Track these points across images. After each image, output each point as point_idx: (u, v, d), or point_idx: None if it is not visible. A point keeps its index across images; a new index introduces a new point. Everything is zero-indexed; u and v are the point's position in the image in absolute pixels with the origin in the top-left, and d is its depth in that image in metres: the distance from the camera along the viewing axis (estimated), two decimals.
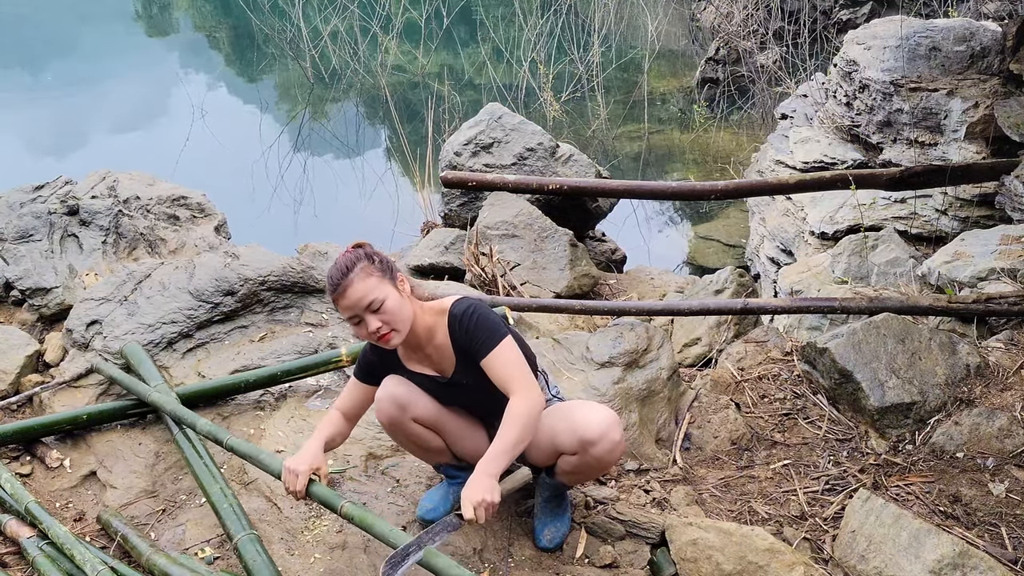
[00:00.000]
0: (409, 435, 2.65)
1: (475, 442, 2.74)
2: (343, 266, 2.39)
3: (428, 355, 2.58)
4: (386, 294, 2.38)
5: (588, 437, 2.46)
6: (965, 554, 2.47)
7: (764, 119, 8.83)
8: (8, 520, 2.86)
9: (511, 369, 2.41)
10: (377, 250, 2.47)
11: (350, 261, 2.39)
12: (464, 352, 2.49)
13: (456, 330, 2.48)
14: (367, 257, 2.40)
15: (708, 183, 4.88)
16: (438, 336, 2.53)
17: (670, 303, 4.35)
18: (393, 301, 2.39)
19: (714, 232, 6.98)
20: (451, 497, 2.83)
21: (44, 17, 15.05)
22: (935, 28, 5.68)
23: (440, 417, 2.65)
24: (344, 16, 10.70)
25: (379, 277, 2.39)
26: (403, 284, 2.45)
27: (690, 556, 2.65)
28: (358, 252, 2.43)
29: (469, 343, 2.45)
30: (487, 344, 2.42)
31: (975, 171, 4.66)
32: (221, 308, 3.80)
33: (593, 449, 2.47)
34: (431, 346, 2.55)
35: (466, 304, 2.49)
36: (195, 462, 3.04)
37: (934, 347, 3.34)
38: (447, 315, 2.50)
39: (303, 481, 2.49)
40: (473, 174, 5.31)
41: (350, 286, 2.35)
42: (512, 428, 2.34)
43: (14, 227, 4.43)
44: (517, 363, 2.43)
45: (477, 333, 2.43)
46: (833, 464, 3.15)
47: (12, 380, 3.63)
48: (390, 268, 2.44)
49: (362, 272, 2.37)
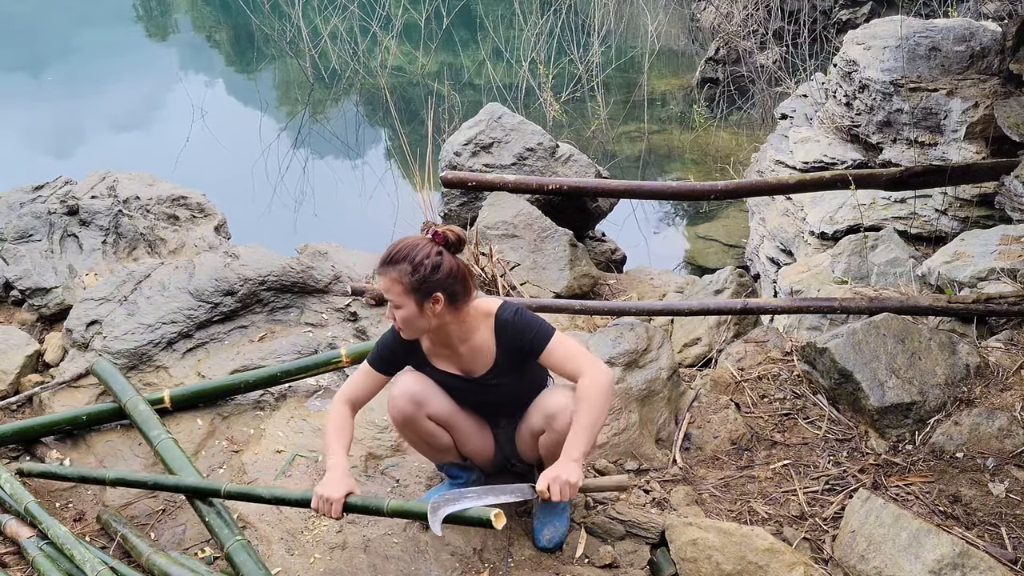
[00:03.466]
0: (421, 432, 2.66)
1: (482, 442, 2.78)
2: (394, 254, 2.41)
3: (460, 354, 2.59)
4: (404, 304, 2.41)
5: (549, 411, 2.54)
6: (965, 554, 2.47)
7: (764, 119, 8.83)
8: (8, 520, 2.86)
9: (572, 354, 2.48)
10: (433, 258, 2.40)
11: (401, 256, 2.40)
12: (513, 351, 2.53)
13: (505, 332, 2.52)
14: (415, 265, 2.38)
15: (708, 183, 4.87)
16: (476, 337, 2.55)
17: (670, 303, 4.35)
18: (407, 313, 2.42)
19: (714, 232, 6.98)
20: None
21: (44, 17, 15.05)
22: (935, 28, 5.68)
23: (453, 415, 2.68)
24: (344, 16, 10.70)
25: (405, 289, 2.39)
26: (435, 304, 2.42)
27: (690, 556, 2.65)
28: (417, 252, 2.40)
29: (522, 342, 2.50)
30: (541, 339, 2.49)
31: (975, 171, 4.65)
32: (221, 308, 3.80)
33: (555, 423, 2.53)
34: (465, 346, 2.57)
35: (513, 307, 2.55)
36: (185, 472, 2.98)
37: (934, 347, 3.34)
38: (493, 318, 2.53)
39: (339, 509, 2.48)
40: (473, 174, 5.30)
41: (384, 275, 2.42)
42: (590, 408, 2.40)
43: (14, 227, 4.43)
44: (576, 347, 2.50)
45: (529, 332, 2.50)
46: (833, 464, 3.14)
47: (12, 380, 3.63)
48: (426, 287, 2.39)
49: (397, 274, 2.39)
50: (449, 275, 2.42)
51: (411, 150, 6.99)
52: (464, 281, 2.47)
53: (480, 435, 2.77)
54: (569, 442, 2.41)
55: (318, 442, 3.22)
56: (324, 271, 4.08)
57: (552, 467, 2.40)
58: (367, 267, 4.35)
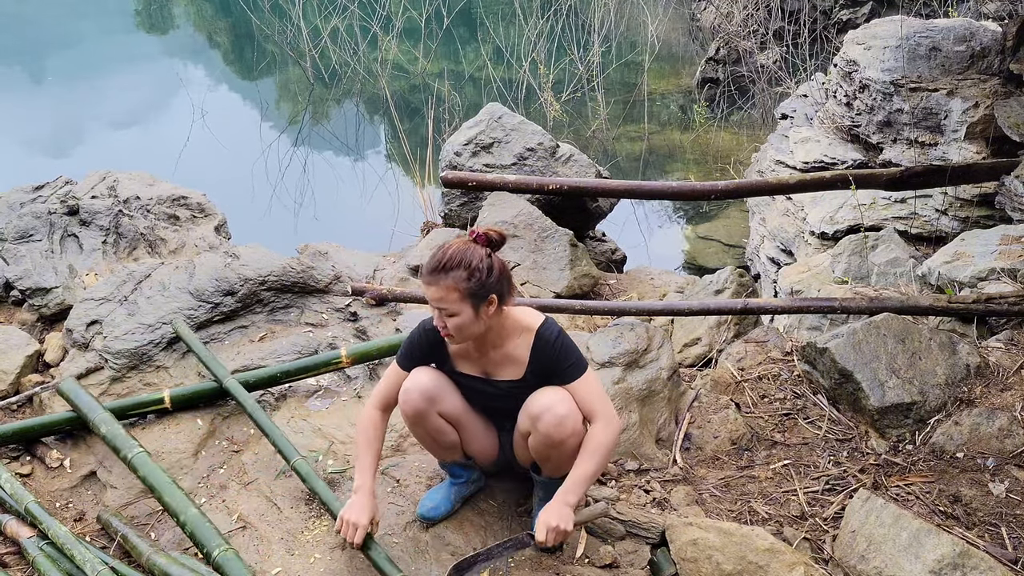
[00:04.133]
0: (430, 428, 2.66)
1: (488, 443, 2.80)
2: (445, 261, 2.37)
3: (488, 358, 2.59)
4: (460, 311, 2.39)
5: (532, 412, 2.53)
6: (965, 554, 2.47)
7: (764, 119, 8.83)
8: (8, 520, 2.86)
9: (596, 398, 2.52)
10: (486, 260, 2.39)
11: (454, 262, 2.36)
12: (544, 371, 2.55)
13: (543, 350, 2.53)
14: (469, 270, 2.36)
15: (708, 183, 4.88)
16: (510, 345, 2.55)
17: (670, 303, 4.35)
18: (463, 319, 2.40)
19: (714, 232, 6.98)
20: (452, 497, 2.83)
21: (44, 17, 15.05)
22: (935, 28, 5.68)
23: (463, 415, 2.69)
24: (344, 16, 10.70)
25: (462, 295, 2.36)
26: (490, 306, 2.42)
27: (690, 556, 2.65)
28: (469, 257, 2.37)
29: (555, 368, 2.52)
30: (576, 370, 2.52)
31: (975, 171, 4.65)
32: (221, 308, 3.80)
33: (539, 423, 2.52)
34: (497, 352, 2.57)
35: (556, 329, 2.55)
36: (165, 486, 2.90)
37: (934, 347, 3.34)
38: (533, 334, 2.53)
39: (362, 535, 2.53)
40: (473, 174, 5.30)
41: (435, 284, 2.38)
42: (592, 458, 2.47)
43: (14, 227, 4.43)
44: (602, 393, 2.55)
45: (566, 359, 2.52)
46: (833, 464, 3.14)
47: (12, 380, 3.63)
48: (483, 291, 2.38)
49: (452, 281, 2.36)
50: (501, 275, 2.42)
51: (411, 150, 7.00)
52: (510, 280, 2.48)
53: (486, 436, 2.78)
54: (567, 486, 2.47)
55: (318, 442, 3.22)
56: (324, 271, 4.08)
57: (550, 513, 2.44)
58: (367, 267, 4.35)
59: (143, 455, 2.98)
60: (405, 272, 4.59)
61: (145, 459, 2.96)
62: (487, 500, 2.93)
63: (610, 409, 2.53)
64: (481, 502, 2.92)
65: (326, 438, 3.24)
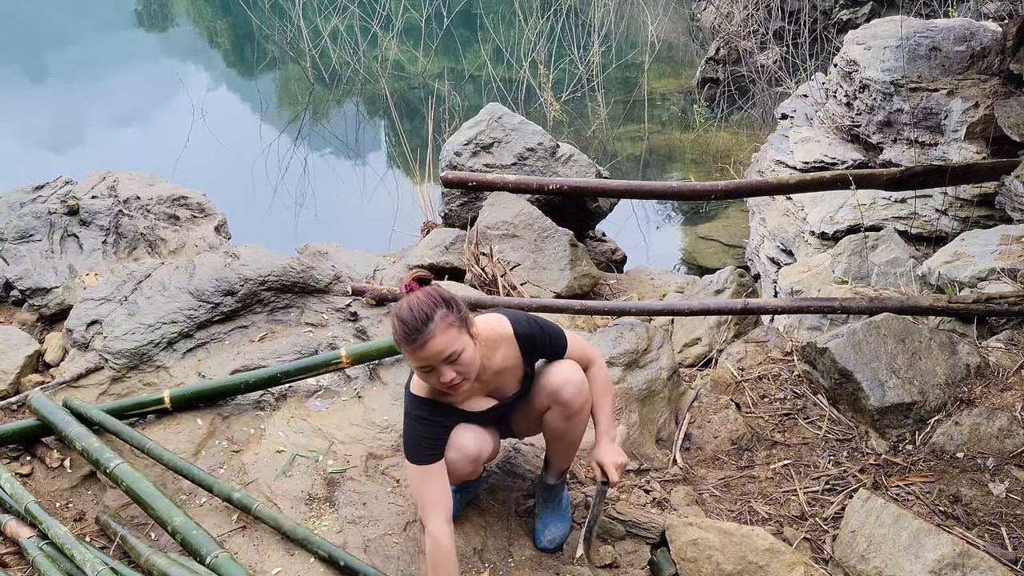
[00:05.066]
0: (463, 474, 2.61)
1: (496, 446, 2.78)
2: (422, 314, 2.22)
3: (487, 383, 2.55)
4: (464, 345, 2.27)
5: (554, 385, 2.57)
6: (965, 554, 2.47)
7: (764, 119, 8.83)
8: (8, 520, 2.86)
9: (581, 347, 2.66)
10: (449, 292, 2.34)
11: (429, 308, 2.24)
12: (536, 361, 2.62)
13: (532, 346, 2.56)
14: (445, 304, 2.26)
15: (708, 183, 4.88)
16: (497, 359, 2.50)
17: (670, 303, 4.35)
18: (469, 352, 2.29)
19: (714, 232, 6.98)
20: (458, 503, 2.82)
21: (44, 17, 15.05)
22: (935, 28, 5.68)
23: (494, 449, 2.71)
24: (344, 16, 10.70)
25: (458, 328, 2.27)
26: (472, 327, 2.35)
27: (690, 556, 2.65)
28: (434, 296, 2.27)
29: (548, 351, 2.60)
30: (561, 342, 2.61)
31: (975, 171, 4.65)
32: (221, 308, 3.80)
33: (562, 394, 2.56)
34: (489, 372, 2.51)
35: (523, 320, 2.56)
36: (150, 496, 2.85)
37: (934, 347, 3.34)
38: (512, 336, 2.51)
39: None
40: (473, 174, 5.30)
41: (431, 339, 2.22)
42: (606, 394, 2.68)
43: (14, 227, 4.43)
44: (582, 342, 2.68)
45: (551, 339, 2.59)
46: (833, 464, 3.14)
47: (12, 380, 3.63)
48: (464, 315, 2.32)
49: (443, 323, 2.24)
50: (459, 302, 2.36)
51: (411, 150, 7.00)
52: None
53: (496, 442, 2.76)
54: (606, 425, 2.66)
55: (319, 442, 3.22)
56: (324, 271, 4.08)
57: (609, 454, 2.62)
58: (367, 267, 4.35)
59: (124, 466, 2.92)
60: (405, 272, 4.59)
61: (126, 470, 2.90)
62: (487, 500, 2.93)
63: (594, 349, 2.69)
64: (481, 502, 2.92)
65: (326, 438, 3.24)
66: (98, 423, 3.19)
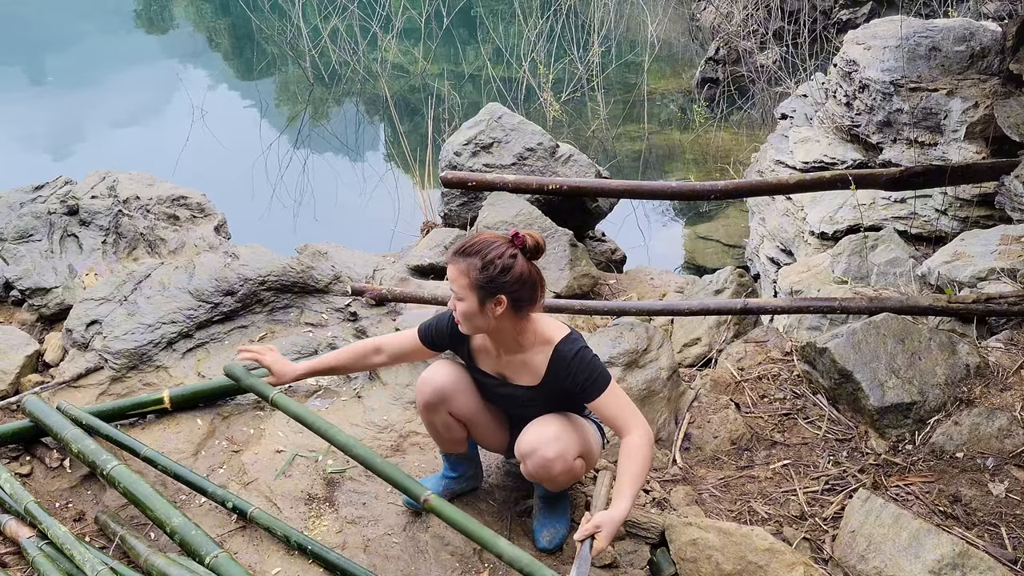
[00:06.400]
0: (438, 422, 2.69)
1: (498, 439, 2.81)
2: (470, 247, 2.40)
3: (507, 362, 2.58)
4: (466, 298, 2.40)
5: (522, 450, 2.55)
6: (965, 554, 2.47)
7: (764, 119, 8.83)
8: (8, 520, 2.85)
9: (620, 408, 2.46)
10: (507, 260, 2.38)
11: (474, 250, 2.39)
12: (560, 386, 2.52)
13: (560, 366, 2.50)
14: (484, 263, 2.37)
15: (708, 183, 4.87)
16: (529, 355, 2.54)
17: (670, 303, 4.35)
18: (467, 308, 2.41)
19: (714, 232, 6.98)
20: (442, 490, 2.84)
21: (44, 17, 15.05)
22: (935, 28, 5.68)
23: (476, 414, 2.70)
24: (344, 16, 10.70)
25: (471, 283, 2.38)
26: (497, 306, 2.40)
27: (690, 556, 2.65)
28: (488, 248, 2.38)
29: (573, 385, 2.48)
30: (596, 389, 2.46)
31: (975, 171, 4.65)
32: (221, 308, 3.80)
33: (528, 462, 2.55)
34: (515, 357, 2.55)
35: (577, 345, 2.51)
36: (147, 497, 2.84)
37: (934, 347, 3.34)
38: (552, 348, 2.50)
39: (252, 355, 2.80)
40: (473, 174, 5.30)
41: (453, 264, 2.41)
42: (638, 469, 2.39)
43: (14, 227, 4.43)
44: (626, 402, 2.49)
45: (584, 377, 2.47)
46: (833, 464, 3.15)
47: (12, 380, 3.63)
48: (491, 287, 2.38)
49: (466, 266, 2.39)
50: (518, 280, 2.39)
51: (411, 150, 6.99)
52: (533, 289, 2.44)
53: (497, 432, 2.79)
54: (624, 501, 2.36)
55: (318, 442, 3.21)
56: (324, 271, 4.08)
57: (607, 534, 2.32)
58: (367, 267, 4.35)
59: (120, 468, 2.91)
60: (405, 272, 4.59)
61: (123, 471, 2.90)
62: (487, 500, 2.93)
63: (639, 418, 2.46)
64: (481, 502, 2.92)
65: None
66: (88, 427, 3.16)
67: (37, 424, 3.20)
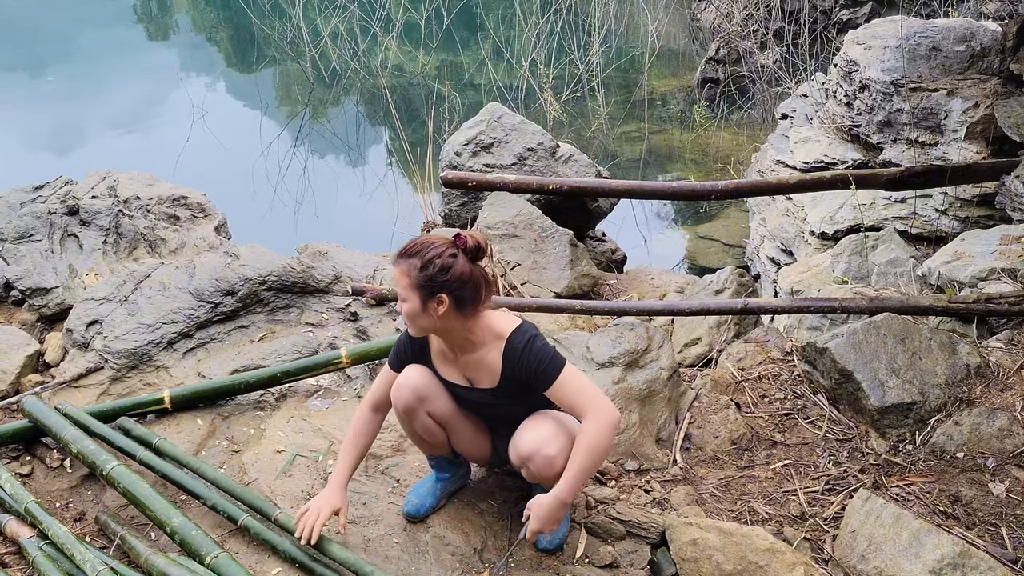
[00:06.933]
0: (419, 426, 2.68)
1: (478, 447, 2.80)
2: (410, 248, 2.44)
3: (465, 363, 2.59)
4: (408, 298, 2.43)
5: (522, 453, 2.55)
6: (965, 554, 2.47)
7: (764, 119, 8.83)
8: (8, 520, 2.85)
9: (577, 394, 2.45)
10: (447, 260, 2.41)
11: (415, 251, 2.43)
12: (518, 379, 2.52)
13: (513, 357, 2.50)
14: (423, 263, 2.40)
15: (708, 183, 4.87)
16: (482, 352, 2.54)
17: (670, 303, 4.35)
18: (410, 308, 2.44)
19: (714, 232, 6.98)
20: (437, 493, 2.85)
21: (45, 17, 15.05)
22: (935, 28, 5.68)
23: (453, 418, 2.69)
24: (344, 16, 10.70)
25: (412, 283, 2.41)
26: (438, 305, 2.42)
27: (690, 556, 2.65)
28: (430, 250, 2.42)
29: (527, 374, 2.48)
30: (550, 375, 2.45)
31: (975, 171, 4.65)
32: (221, 308, 3.80)
33: (531, 465, 2.54)
34: (470, 358, 2.57)
35: (528, 334, 2.51)
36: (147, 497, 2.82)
37: (934, 347, 3.34)
38: (504, 342, 2.51)
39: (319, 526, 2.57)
40: (473, 174, 5.30)
41: (396, 267, 2.45)
42: (586, 455, 2.40)
43: (14, 227, 4.43)
44: (584, 385, 2.47)
45: (537, 365, 2.46)
46: (833, 464, 3.14)
47: (12, 380, 3.63)
48: (432, 287, 2.40)
49: (408, 268, 2.42)
50: (458, 279, 2.41)
51: (411, 150, 6.99)
52: (476, 289, 2.45)
53: (476, 439, 2.78)
54: (565, 484, 2.42)
55: (319, 442, 3.22)
56: (324, 271, 4.08)
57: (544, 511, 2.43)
58: (367, 267, 4.35)
59: (120, 468, 2.90)
60: None
61: (123, 472, 2.89)
62: (487, 500, 2.93)
63: (599, 400, 2.43)
64: (481, 502, 2.92)
65: (326, 438, 3.24)
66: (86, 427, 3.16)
67: (36, 424, 3.19)
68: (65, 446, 3.08)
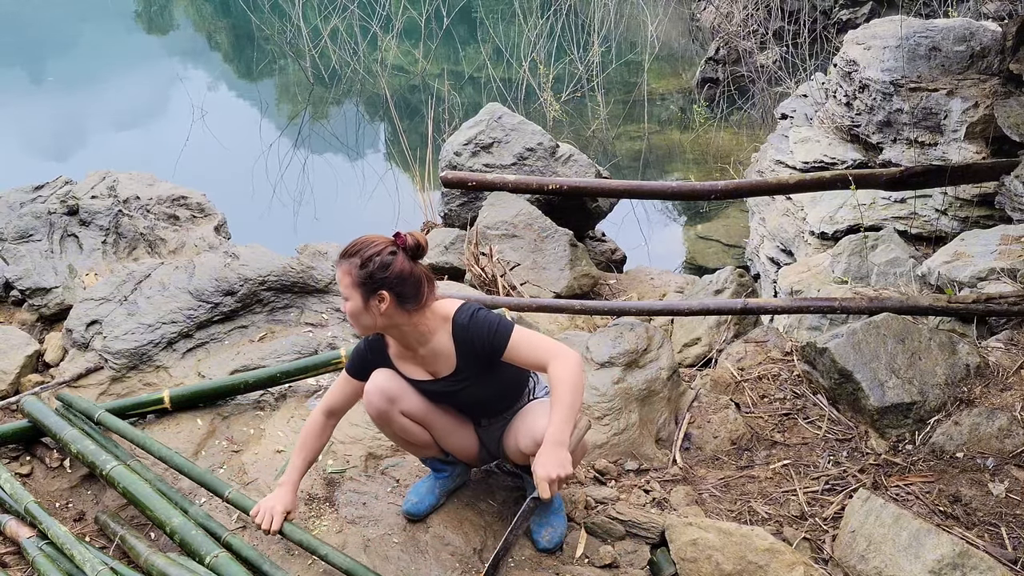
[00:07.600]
0: (396, 428, 2.68)
1: (463, 440, 2.78)
2: (350, 248, 2.47)
3: (423, 356, 2.60)
4: (350, 297, 2.47)
5: (528, 450, 2.55)
6: (965, 554, 2.47)
7: (764, 119, 8.83)
8: (8, 520, 2.85)
9: (533, 347, 2.46)
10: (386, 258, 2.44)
11: (354, 250, 2.46)
12: (473, 356, 2.53)
13: (463, 336, 2.52)
14: (363, 261, 2.44)
15: (708, 183, 4.88)
16: (435, 340, 2.56)
17: (670, 303, 4.36)
18: (352, 306, 2.48)
19: (714, 232, 6.98)
20: (436, 491, 2.84)
21: (44, 17, 15.05)
22: (935, 28, 5.68)
23: (428, 413, 2.68)
24: (344, 16, 10.70)
25: (353, 282, 2.45)
26: (380, 303, 2.44)
27: (690, 556, 2.66)
28: (369, 249, 2.45)
29: (480, 345, 2.50)
30: (501, 338, 2.48)
31: (975, 171, 4.66)
32: (221, 308, 3.80)
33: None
34: (425, 349, 2.58)
35: (470, 309, 2.54)
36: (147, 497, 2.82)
37: (934, 347, 3.34)
38: (451, 323, 2.54)
39: (278, 522, 2.65)
40: (473, 174, 5.31)
41: (338, 266, 2.49)
42: (565, 392, 2.38)
43: (14, 227, 4.43)
44: (535, 339, 2.49)
45: (487, 333, 2.49)
46: (833, 464, 3.15)
47: (12, 380, 3.63)
48: (372, 284, 2.44)
49: (349, 267, 2.45)
50: (398, 276, 2.44)
51: (411, 150, 7.00)
52: (416, 285, 2.47)
53: (460, 433, 2.76)
54: (554, 426, 2.37)
55: None
56: (324, 271, 4.08)
57: (545, 464, 2.33)
58: None
59: (119, 468, 2.90)
60: None
61: (122, 472, 2.88)
62: (487, 500, 2.93)
63: (557, 347, 2.43)
64: (481, 502, 2.92)
65: None
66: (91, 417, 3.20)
67: (35, 424, 3.19)
68: (65, 446, 3.08)
